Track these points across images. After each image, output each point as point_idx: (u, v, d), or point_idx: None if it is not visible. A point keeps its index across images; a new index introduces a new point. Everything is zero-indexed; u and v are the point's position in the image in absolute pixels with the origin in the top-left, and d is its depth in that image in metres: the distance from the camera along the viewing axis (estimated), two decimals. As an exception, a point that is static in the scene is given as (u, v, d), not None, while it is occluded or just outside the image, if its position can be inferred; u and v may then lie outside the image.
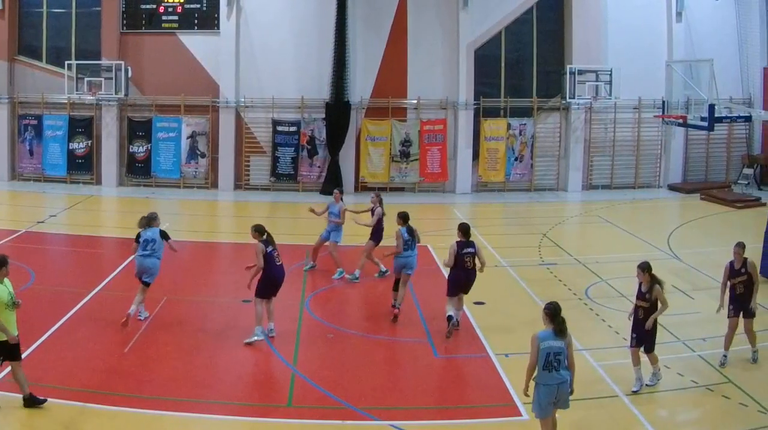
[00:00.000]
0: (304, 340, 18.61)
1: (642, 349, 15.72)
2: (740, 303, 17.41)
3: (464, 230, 18.55)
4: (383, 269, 23.03)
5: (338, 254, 23.42)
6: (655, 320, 15.55)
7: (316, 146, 37.59)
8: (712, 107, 26.17)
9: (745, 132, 41.19)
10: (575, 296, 22.09)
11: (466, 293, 19.13)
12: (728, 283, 17.45)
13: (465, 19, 37.68)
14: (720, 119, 27.19)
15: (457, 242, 18.42)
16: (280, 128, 37.45)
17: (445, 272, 20.36)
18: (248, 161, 38.14)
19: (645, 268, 15.84)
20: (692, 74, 29.80)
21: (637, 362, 15.74)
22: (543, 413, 12.61)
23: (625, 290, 22.05)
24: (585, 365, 16.80)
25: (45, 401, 14.00)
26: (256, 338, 17.55)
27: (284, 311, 20.12)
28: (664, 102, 31.45)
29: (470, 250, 18.30)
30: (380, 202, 23.20)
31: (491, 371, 16.75)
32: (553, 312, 12.47)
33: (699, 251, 27.58)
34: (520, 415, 14.72)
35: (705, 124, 26.95)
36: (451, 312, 18.61)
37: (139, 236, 18.77)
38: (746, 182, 39.41)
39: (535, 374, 12.62)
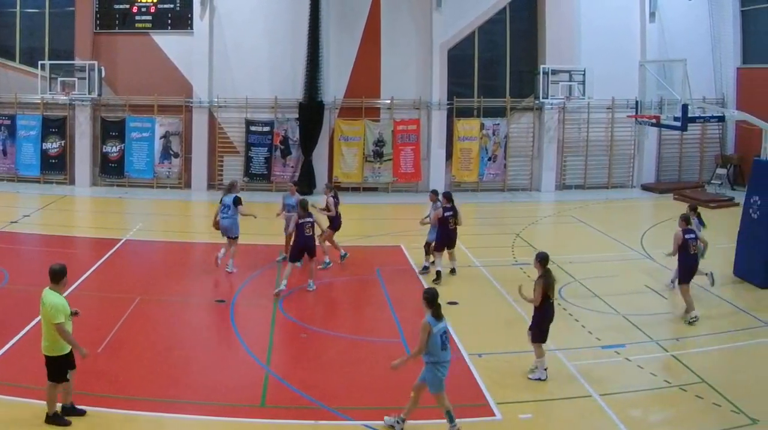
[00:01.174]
0: (278, 340, 19.26)
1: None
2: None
3: (448, 196, 24.20)
4: (343, 252, 25.37)
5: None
6: (535, 310, 16.88)
7: (289, 146, 38.79)
8: (685, 107, 26.73)
9: (718, 132, 42.41)
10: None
11: (451, 248, 24.16)
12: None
13: (438, 20, 38.91)
14: (693, 119, 27.69)
15: (443, 207, 23.68)
16: (253, 128, 38.62)
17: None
18: (221, 161, 39.12)
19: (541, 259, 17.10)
20: (665, 74, 30.56)
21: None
22: (443, 388, 14.02)
23: (599, 290, 23.06)
24: (558, 365, 17.53)
25: (69, 423, 14.13)
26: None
27: (257, 311, 21.05)
28: (637, 102, 32.15)
29: (450, 213, 23.73)
30: (333, 193, 25.52)
31: (464, 371, 17.20)
32: (432, 298, 14.05)
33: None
34: (493, 415, 15.25)
35: (678, 124, 27.57)
36: (438, 267, 23.58)
37: (221, 200, 23.50)
38: (719, 182, 40.48)
39: (433, 357, 13.95)
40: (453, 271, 24.42)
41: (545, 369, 17.00)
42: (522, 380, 16.81)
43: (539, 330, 16.90)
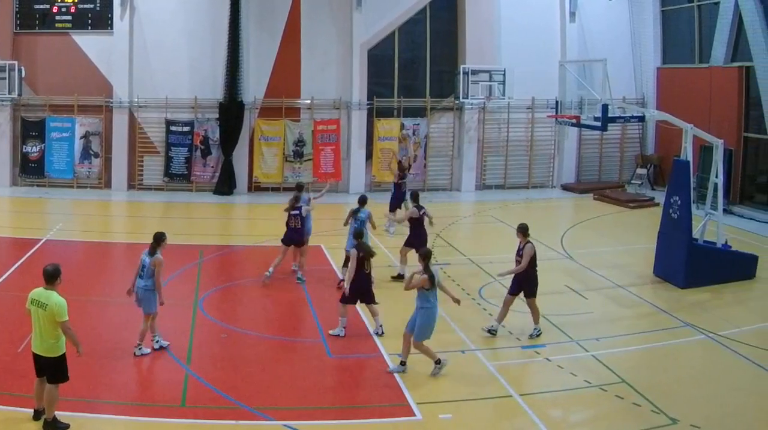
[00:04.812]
0: (198, 340, 20.43)
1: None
2: (518, 282, 21.04)
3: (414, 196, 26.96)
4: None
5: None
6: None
7: (209, 146, 42.63)
8: (605, 107, 28.34)
9: (638, 132, 47.30)
10: (468, 296, 24.21)
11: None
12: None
13: (358, 19, 43.07)
14: (613, 119, 29.22)
15: (416, 206, 26.44)
16: (173, 128, 42.35)
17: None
18: (141, 161, 42.55)
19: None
20: (585, 74, 33.40)
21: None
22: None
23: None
24: (478, 365, 19.14)
25: (68, 426, 15.19)
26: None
27: (177, 310, 22.18)
28: (557, 102, 35.21)
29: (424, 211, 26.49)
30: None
31: (385, 371, 18.57)
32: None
33: (592, 251, 31.18)
34: (414, 415, 16.45)
35: (598, 124, 29.13)
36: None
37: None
38: (639, 182, 45.18)
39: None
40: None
41: (344, 327, 20.74)
42: (442, 381, 18.25)
43: (349, 293, 20.70)
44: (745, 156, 40.32)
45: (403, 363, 18.39)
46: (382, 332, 21.09)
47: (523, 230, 21.01)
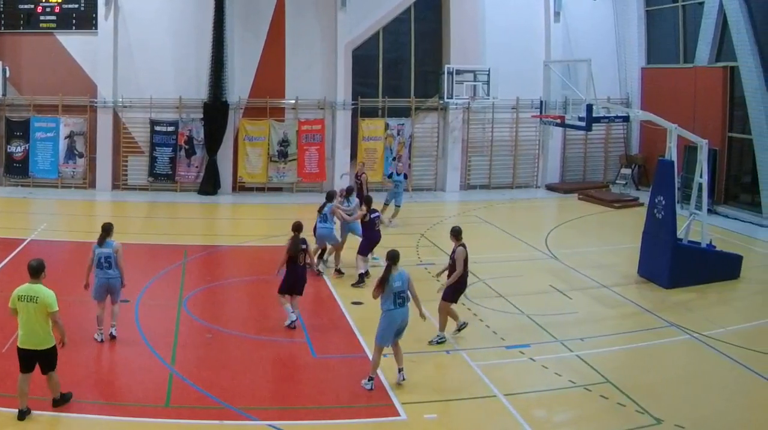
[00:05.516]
0: (182, 340, 20.41)
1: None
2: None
3: (368, 201, 26.93)
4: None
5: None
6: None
7: (194, 146, 42.60)
8: (589, 107, 28.70)
9: (623, 132, 47.39)
10: None
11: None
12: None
13: (343, 19, 43.06)
14: (598, 119, 29.62)
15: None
16: (158, 128, 42.36)
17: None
18: (126, 161, 42.54)
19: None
20: (570, 74, 34.53)
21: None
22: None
23: (504, 290, 24.95)
24: (462, 365, 19.17)
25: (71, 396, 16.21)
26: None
27: (161, 311, 22.51)
28: (541, 102, 34.73)
29: (376, 214, 26.77)
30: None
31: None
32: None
33: (576, 251, 31.15)
34: (399, 415, 16.48)
35: (583, 124, 29.49)
36: (361, 269, 25.94)
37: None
38: (624, 182, 45.20)
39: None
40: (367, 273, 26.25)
41: (293, 313, 21.18)
42: (427, 380, 18.40)
43: (283, 285, 21.42)
44: (730, 156, 40.43)
45: (400, 370, 18.13)
46: (294, 327, 21.43)
47: (455, 233, 20.92)
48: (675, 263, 26.41)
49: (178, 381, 17.75)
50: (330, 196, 27.29)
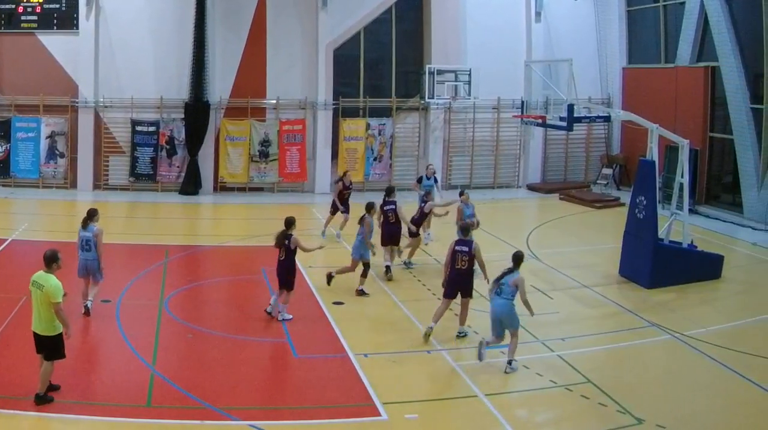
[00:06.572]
0: (163, 340, 20.43)
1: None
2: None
3: (389, 190, 28.06)
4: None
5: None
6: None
7: (175, 146, 42.63)
8: (570, 107, 28.50)
9: (604, 132, 47.50)
10: (434, 297, 24.09)
11: (395, 244, 27.29)
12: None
13: (324, 19, 43.11)
14: (579, 119, 29.46)
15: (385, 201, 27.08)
16: (139, 128, 42.34)
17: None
18: (107, 161, 42.55)
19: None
20: (551, 74, 34.37)
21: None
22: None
23: (485, 290, 22.81)
24: (443, 365, 19.32)
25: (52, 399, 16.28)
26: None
27: (143, 311, 22.46)
28: (523, 102, 34.60)
29: (392, 206, 27.33)
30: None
31: (350, 371, 18.70)
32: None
33: (558, 251, 31.25)
34: (379, 415, 16.50)
35: (564, 124, 29.27)
36: (388, 262, 26.57)
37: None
38: (605, 182, 45.42)
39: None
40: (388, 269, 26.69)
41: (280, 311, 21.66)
42: (408, 380, 18.47)
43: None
44: (711, 156, 40.58)
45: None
46: (273, 316, 22.10)
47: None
48: (656, 263, 26.43)
49: (160, 381, 17.76)
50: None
